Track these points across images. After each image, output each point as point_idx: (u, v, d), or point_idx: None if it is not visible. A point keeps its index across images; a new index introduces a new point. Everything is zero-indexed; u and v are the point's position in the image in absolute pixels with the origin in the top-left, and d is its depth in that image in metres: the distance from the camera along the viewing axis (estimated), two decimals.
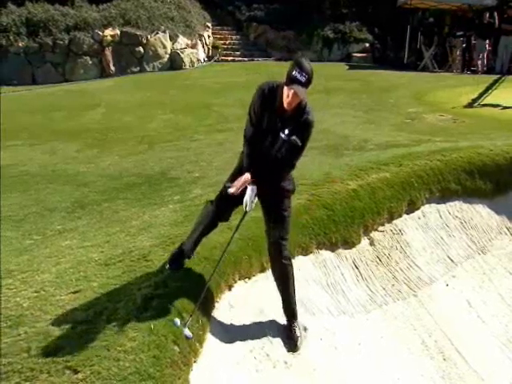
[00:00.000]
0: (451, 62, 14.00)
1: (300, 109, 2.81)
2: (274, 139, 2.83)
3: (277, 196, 3.01)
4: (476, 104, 9.55)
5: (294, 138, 2.80)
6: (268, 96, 2.80)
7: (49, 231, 4.26)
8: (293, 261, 3.23)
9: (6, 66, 11.99)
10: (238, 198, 3.07)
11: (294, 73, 2.65)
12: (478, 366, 3.85)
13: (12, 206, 4.92)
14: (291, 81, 2.66)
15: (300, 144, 2.83)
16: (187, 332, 2.75)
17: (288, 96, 2.69)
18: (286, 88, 2.71)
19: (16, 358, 2.53)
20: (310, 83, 2.69)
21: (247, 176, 2.86)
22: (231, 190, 2.88)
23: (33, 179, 5.82)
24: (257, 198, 2.93)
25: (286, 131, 2.81)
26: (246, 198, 2.91)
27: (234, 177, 3.03)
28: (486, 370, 3.86)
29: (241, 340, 3.11)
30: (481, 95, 10.14)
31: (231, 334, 3.12)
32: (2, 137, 7.53)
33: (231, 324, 3.18)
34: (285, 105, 2.74)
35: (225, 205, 3.10)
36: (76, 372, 2.42)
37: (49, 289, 3.13)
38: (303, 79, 2.65)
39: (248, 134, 2.90)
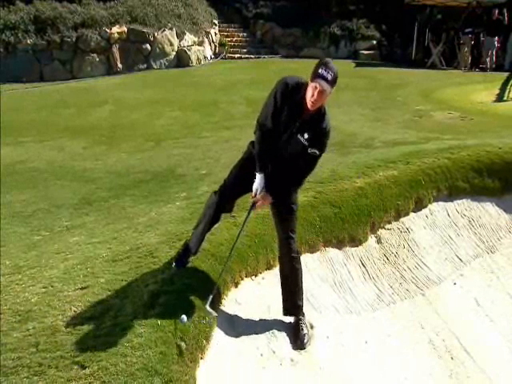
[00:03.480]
0: (459, 60, 13.88)
1: (320, 114, 2.78)
2: (290, 138, 2.80)
3: (285, 190, 3.01)
4: (505, 98, 9.59)
5: (313, 150, 2.80)
6: (291, 91, 2.74)
7: (57, 227, 4.28)
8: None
9: (14, 63, 12.04)
10: (242, 188, 3.08)
11: (320, 70, 2.62)
12: (485, 365, 3.82)
13: (21, 202, 4.95)
14: (317, 76, 2.62)
15: (318, 154, 2.84)
16: (209, 309, 2.82)
17: (313, 95, 2.64)
18: (310, 85, 2.65)
19: (25, 352, 2.54)
20: (335, 83, 2.65)
21: (268, 198, 2.91)
22: (258, 206, 2.98)
23: (41, 176, 5.86)
24: (265, 188, 2.92)
25: (306, 135, 2.77)
26: (256, 186, 2.90)
27: (241, 168, 3.04)
28: (494, 369, 3.83)
29: (247, 337, 3.11)
30: (502, 90, 10.15)
31: (238, 330, 3.12)
32: (11, 133, 7.59)
33: (238, 321, 3.19)
34: (308, 104, 2.68)
35: (228, 195, 3.10)
36: (84, 367, 2.43)
37: (57, 284, 3.15)
38: (329, 76, 2.61)
39: (266, 125, 2.82)
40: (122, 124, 8.36)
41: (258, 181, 2.90)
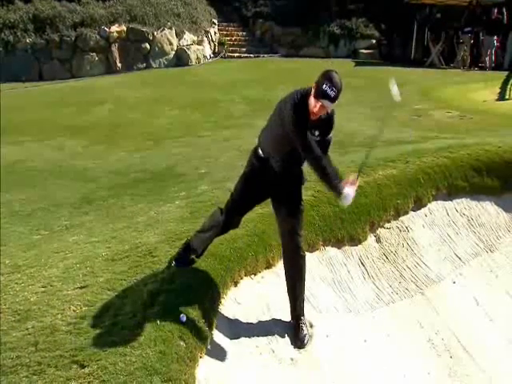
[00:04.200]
0: (459, 59, 13.89)
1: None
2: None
3: (293, 186, 3.01)
4: (507, 96, 9.63)
5: (329, 136, 2.85)
6: (303, 109, 2.72)
7: (56, 226, 4.28)
8: None
9: (13, 62, 12.04)
10: (250, 204, 3.10)
11: (324, 87, 2.61)
12: (484, 364, 3.82)
13: (20, 201, 4.95)
14: (321, 94, 2.62)
15: (331, 136, 2.88)
16: None
17: (315, 107, 2.66)
18: (313, 99, 2.66)
19: (24, 351, 2.54)
20: (338, 98, 2.67)
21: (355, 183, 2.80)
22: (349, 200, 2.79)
23: (41, 175, 5.86)
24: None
25: (316, 133, 2.80)
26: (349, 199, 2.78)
27: (246, 183, 3.02)
28: (493, 368, 3.83)
29: (247, 336, 3.11)
30: (503, 89, 10.18)
31: (237, 330, 3.12)
32: (11, 132, 7.58)
33: (237, 320, 3.18)
34: (311, 113, 2.71)
35: (235, 213, 3.10)
36: (83, 366, 2.43)
37: (56, 284, 3.14)
38: (333, 94, 2.61)
39: (316, 150, 2.75)
40: (122, 123, 8.36)
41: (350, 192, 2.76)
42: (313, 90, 2.67)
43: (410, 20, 14.39)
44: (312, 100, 2.68)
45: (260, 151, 2.99)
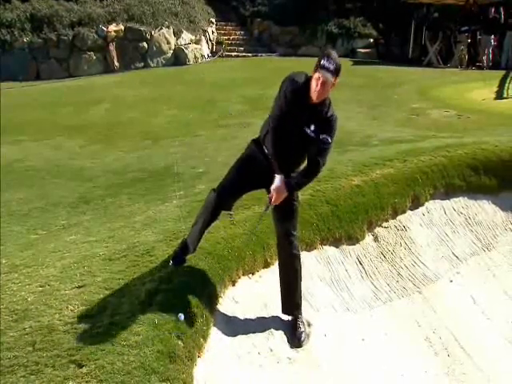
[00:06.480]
0: (456, 58, 13.91)
1: (324, 105, 2.80)
2: (297, 132, 2.79)
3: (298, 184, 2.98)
4: (505, 95, 9.70)
5: (324, 136, 2.80)
6: (298, 87, 2.76)
7: (53, 226, 4.28)
8: None
9: (10, 62, 12.01)
10: (241, 190, 3.07)
11: (322, 61, 2.68)
12: (482, 362, 3.83)
13: (17, 200, 4.94)
14: (319, 66, 2.68)
15: (330, 141, 2.83)
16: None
17: (317, 85, 2.68)
18: (314, 77, 2.70)
19: (21, 351, 2.54)
20: (338, 73, 2.70)
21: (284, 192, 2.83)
22: (273, 203, 2.86)
23: (38, 174, 5.85)
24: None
25: (312, 127, 2.79)
26: (274, 188, 2.83)
27: (241, 168, 3.00)
28: (490, 366, 3.84)
29: (245, 335, 3.11)
30: (501, 88, 10.20)
31: (235, 329, 3.12)
32: (8, 131, 7.56)
33: (235, 319, 3.18)
34: (313, 96, 2.71)
35: (227, 196, 3.06)
36: (80, 366, 2.43)
37: (53, 283, 3.14)
38: (331, 66, 2.66)
39: (275, 121, 2.81)
40: (120, 122, 8.35)
41: (278, 182, 2.83)
42: (312, 70, 2.71)
43: (408, 19, 14.42)
44: (313, 80, 2.70)
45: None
